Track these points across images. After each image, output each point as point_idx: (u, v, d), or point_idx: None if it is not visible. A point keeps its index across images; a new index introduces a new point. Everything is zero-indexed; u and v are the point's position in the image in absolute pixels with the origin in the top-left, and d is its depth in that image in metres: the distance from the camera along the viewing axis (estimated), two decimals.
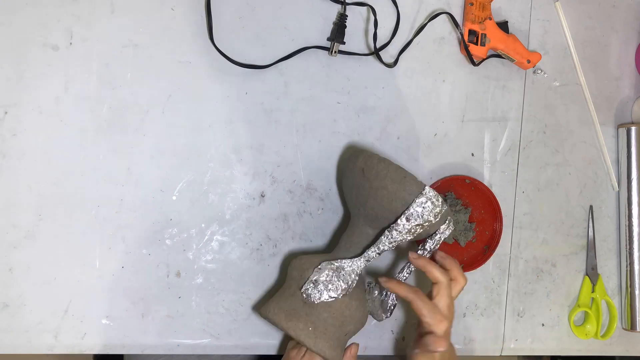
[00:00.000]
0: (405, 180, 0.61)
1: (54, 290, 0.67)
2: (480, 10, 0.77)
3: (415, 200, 0.60)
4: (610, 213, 0.85)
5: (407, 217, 0.61)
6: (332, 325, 0.63)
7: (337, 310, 0.63)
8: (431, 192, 0.61)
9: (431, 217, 0.61)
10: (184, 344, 0.70)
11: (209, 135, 0.71)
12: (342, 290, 0.63)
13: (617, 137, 0.85)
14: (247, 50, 0.72)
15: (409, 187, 0.61)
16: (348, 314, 0.63)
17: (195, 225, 0.70)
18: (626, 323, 0.83)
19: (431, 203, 0.61)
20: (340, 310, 0.63)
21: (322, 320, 0.62)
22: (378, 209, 0.62)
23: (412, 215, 0.61)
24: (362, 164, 0.63)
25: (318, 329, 0.62)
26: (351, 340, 0.69)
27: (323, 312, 0.62)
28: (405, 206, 0.61)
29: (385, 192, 0.61)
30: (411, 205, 0.60)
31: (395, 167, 0.61)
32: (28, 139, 0.67)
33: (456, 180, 0.76)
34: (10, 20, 0.66)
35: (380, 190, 0.61)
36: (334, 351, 0.63)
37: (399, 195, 0.61)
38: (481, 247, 0.78)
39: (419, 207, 0.60)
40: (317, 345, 0.62)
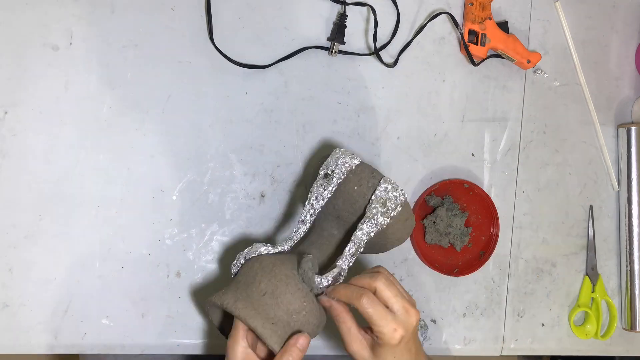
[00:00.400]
0: (363, 174, 0.60)
1: (54, 290, 0.67)
2: (480, 10, 0.77)
3: (377, 186, 0.59)
4: (610, 213, 0.85)
5: (374, 205, 0.58)
6: (265, 303, 0.56)
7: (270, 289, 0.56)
8: (389, 179, 0.60)
9: (392, 204, 0.59)
10: (184, 344, 0.70)
11: (209, 135, 0.71)
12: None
13: (617, 137, 0.85)
14: (247, 50, 0.72)
15: (366, 181, 0.59)
16: (280, 290, 0.57)
17: (195, 225, 0.70)
18: (626, 323, 0.83)
19: (392, 187, 0.59)
20: (274, 287, 0.57)
21: (258, 295, 0.57)
22: (342, 204, 0.60)
23: (379, 199, 0.59)
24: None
25: (253, 304, 0.56)
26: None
27: (255, 293, 0.57)
28: (369, 194, 0.59)
29: (351, 188, 0.60)
30: (374, 192, 0.59)
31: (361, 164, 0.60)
32: (28, 139, 0.67)
33: (454, 184, 0.76)
34: (10, 20, 0.66)
35: (344, 189, 0.60)
36: (265, 328, 0.55)
37: (361, 192, 0.59)
38: (476, 252, 0.78)
39: (383, 192, 0.59)
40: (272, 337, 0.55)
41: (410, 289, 0.76)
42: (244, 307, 0.56)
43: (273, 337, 0.55)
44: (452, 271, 0.76)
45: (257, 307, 0.56)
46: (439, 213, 0.75)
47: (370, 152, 0.75)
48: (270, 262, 0.59)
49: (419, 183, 0.77)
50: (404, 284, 0.76)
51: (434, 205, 0.77)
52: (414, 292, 0.76)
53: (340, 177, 0.60)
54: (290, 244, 0.62)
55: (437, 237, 0.76)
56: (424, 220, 0.76)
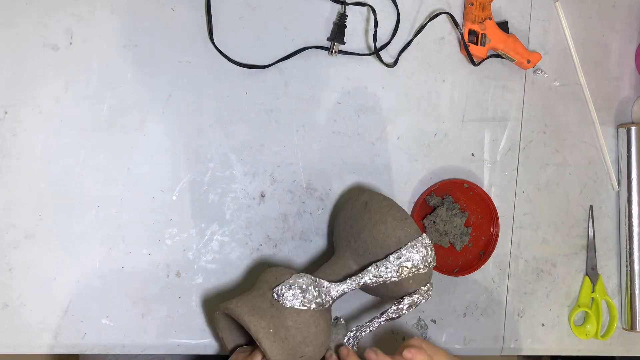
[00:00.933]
0: (405, 221, 0.61)
1: (54, 290, 0.67)
2: (480, 10, 0.77)
3: (410, 242, 0.60)
4: (610, 213, 0.85)
5: (399, 255, 0.60)
6: (293, 337, 0.58)
7: (303, 322, 0.58)
8: (427, 240, 0.61)
9: (421, 265, 0.61)
10: (184, 344, 0.70)
11: (209, 135, 0.71)
12: (316, 305, 0.59)
13: (617, 137, 0.85)
14: (247, 50, 0.72)
15: (408, 229, 0.61)
16: (313, 331, 0.59)
17: (195, 225, 0.70)
18: (626, 323, 0.83)
19: (425, 250, 0.61)
20: (307, 324, 0.58)
21: (285, 327, 0.58)
22: (370, 242, 0.61)
23: (404, 255, 0.60)
24: (366, 197, 0.64)
25: (278, 334, 0.57)
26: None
27: (289, 319, 0.58)
28: (399, 246, 0.61)
29: (383, 227, 0.61)
30: (405, 246, 0.60)
31: (399, 207, 0.62)
32: (28, 139, 0.67)
33: (454, 183, 0.76)
34: (10, 20, 0.66)
35: (378, 224, 0.61)
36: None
37: (396, 232, 0.61)
38: (476, 252, 0.78)
39: (412, 249, 0.60)
40: (272, 350, 0.56)
41: None
42: (280, 356, 0.57)
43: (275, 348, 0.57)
44: (452, 271, 0.76)
45: (288, 354, 0.58)
46: (439, 213, 0.75)
47: (370, 152, 0.75)
48: (286, 267, 0.63)
49: (419, 183, 0.77)
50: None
51: (434, 205, 0.77)
52: None
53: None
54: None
55: (437, 237, 0.76)
56: (423, 220, 0.76)
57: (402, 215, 0.62)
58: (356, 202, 0.64)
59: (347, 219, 0.65)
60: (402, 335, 0.76)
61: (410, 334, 0.77)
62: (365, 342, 0.75)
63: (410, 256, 0.60)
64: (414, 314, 0.77)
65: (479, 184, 0.79)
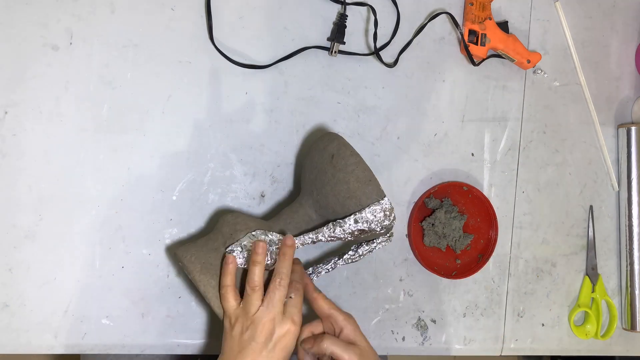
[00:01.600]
0: (369, 184, 0.60)
1: (54, 290, 0.67)
2: (480, 10, 0.77)
3: (370, 206, 0.60)
4: (610, 213, 0.85)
5: (356, 219, 0.60)
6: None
7: None
8: (388, 203, 0.60)
9: (377, 227, 0.61)
10: (184, 344, 0.70)
11: (209, 135, 0.71)
12: (266, 266, 0.61)
13: (617, 137, 0.85)
14: (247, 50, 0.72)
15: (370, 192, 0.60)
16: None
17: (195, 225, 0.70)
18: (626, 323, 0.83)
19: (384, 215, 0.60)
20: None
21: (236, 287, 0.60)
22: (332, 199, 0.61)
23: (362, 219, 0.60)
24: (333, 149, 0.61)
25: None
26: None
27: (239, 279, 0.60)
28: (359, 208, 0.60)
29: (346, 187, 0.60)
30: (365, 209, 0.60)
31: (365, 167, 0.60)
32: (28, 139, 0.67)
33: (454, 186, 0.76)
34: (10, 20, 0.66)
35: (341, 183, 0.60)
36: None
37: (357, 195, 0.60)
38: (475, 255, 0.78)
39: (371, 213, 0.60)
40: (221, 309, 0.59)
41: (410, 289, 0.76)
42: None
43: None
44: (450, 274, 0.76)
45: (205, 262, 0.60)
46: (438, 215, 0.75)
47: (370, 152, 0.75)
48: (243, 217, 0.63)
49: (419, 183, 0.77)
50: (403, 284, 0.76)
51: (433, 207, 0.77)
52: (413, 292, 0.76)
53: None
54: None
55: (436, 240, 0.76)
56: (422, 223, 0.76)
57: (365, 176, 0.60)
58: (324, 150, 0.62)
59: (313, 167, 0.63)
60: (402, 335, 0.76)
61: (410, 333, 0.76)
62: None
63: (368, 219, 0.60)
64: (414, 314, 0.77)
65: (479, 184, 0.79)
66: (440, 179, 0.77)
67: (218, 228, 0.63)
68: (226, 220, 0.63)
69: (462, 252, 0.77)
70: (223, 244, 0.61)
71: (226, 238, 0.61)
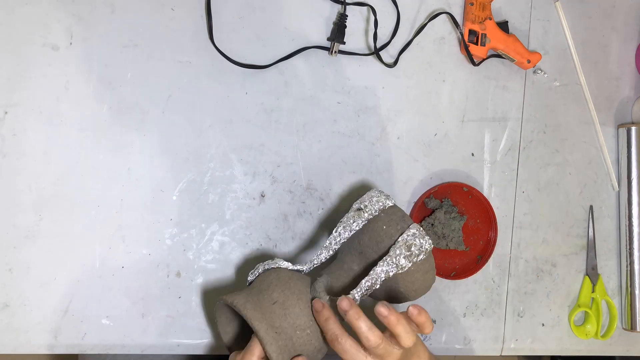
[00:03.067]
0: (394, 216, 0.61)
1: (54, 290, 0.67)
2: (481, 10, 0.77)
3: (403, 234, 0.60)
4: (610, 213, 0.85)
5: (391, 253, 0.59)
6: (294, 337, 0.57)
7: (302, 325, 0.58)
8: (414, 229, 0.60)
9: (416, 251, 0.60)
10: (184, 344, 0.70)
11: (209, 135, 0.71)
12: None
13: (617, 137, 0.85)
14: (247, 50, 0.72)
15: (398, 224, 0.60)
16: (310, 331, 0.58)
17: (195, 225, 0.70)
18: (626, 323, 0.83)
19: (416, 239, 0.60)
20: (304, 327, 0.58)
21: (285, 327, 0.57)
22: (367, 242, 0.61)
23: (396, 250, 0.59)
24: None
25: (279, 334, 0.56)
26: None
27: (288, 321, 0.57)
28: (392, 241, 0.60)
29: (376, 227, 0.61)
30: (396, 242, 0.59)
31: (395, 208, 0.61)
32: (28, 139, 0.67)
33: (454, 187, 0.76)
34: (10, 20, 0.67)
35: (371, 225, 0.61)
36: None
37: (388, 230, 0.60)
38: (474, 256, 0.78)
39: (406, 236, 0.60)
40: (272, 347, 0.55)
41: None
42: (253, 309, 0.56)
43: (273, 345, 0.55)
44: (449, 274, 0.76)
45: (265, 313, 0.56)
46: (437, 215, 0.75)
47: (370, 152, 0.75)
48: (287, 275, 0.60)
49: (419, 183, 0.77)
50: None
51: (433, 207, 0.77)
52: None
53: (372, 214, 0.61)
54: (309, 266, 0.63)
55: (435, 240, 0.76)
56: (422, 223, 0.76)
57: (393, 212, 0.61)
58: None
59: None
60: None
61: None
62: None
63: (404, 249, 0.59)
64: None
65: (479, 184, 0.79)
66: (441, 179, 0.77)
67: (263, 279, 0.60)
68: (273, 276, 0.60)
69: (461, 253, 0.77)
70: (271, 292, 0.58)
71: (273, 290, 0.58)
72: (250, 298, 0.58)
